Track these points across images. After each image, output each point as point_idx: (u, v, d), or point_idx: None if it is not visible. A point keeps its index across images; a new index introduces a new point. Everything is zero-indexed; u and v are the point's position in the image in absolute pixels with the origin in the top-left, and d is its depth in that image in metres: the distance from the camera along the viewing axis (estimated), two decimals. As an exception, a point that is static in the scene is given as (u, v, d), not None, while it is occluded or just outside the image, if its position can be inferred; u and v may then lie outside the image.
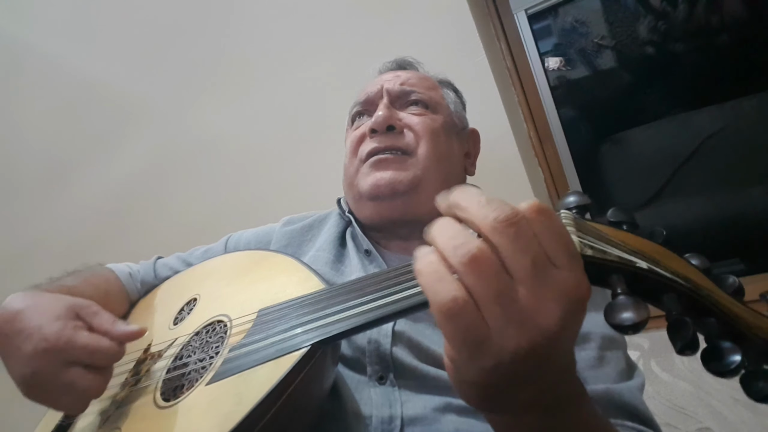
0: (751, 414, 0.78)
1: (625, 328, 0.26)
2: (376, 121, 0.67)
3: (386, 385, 0.52)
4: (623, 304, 0.26)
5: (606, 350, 0.54)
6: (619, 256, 0.29)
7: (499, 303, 0.25)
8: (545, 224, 0.26)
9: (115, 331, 0.47)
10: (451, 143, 0.72)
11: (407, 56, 0.82)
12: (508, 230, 0.25)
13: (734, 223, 1.12)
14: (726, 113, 1.10)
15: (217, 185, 1.33)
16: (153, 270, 0.74)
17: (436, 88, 0.76)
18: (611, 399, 0.50)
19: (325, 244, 0.68)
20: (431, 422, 0.49)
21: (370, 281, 0.40)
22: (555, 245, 0.26)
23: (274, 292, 0.50)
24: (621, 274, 0.29)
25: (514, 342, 0.25)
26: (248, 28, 1.24)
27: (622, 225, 0.33)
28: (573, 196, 0.33)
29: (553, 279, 0.25)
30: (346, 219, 0.72)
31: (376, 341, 0.54)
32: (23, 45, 1.50)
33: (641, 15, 1.12)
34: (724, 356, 0.28)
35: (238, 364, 0.43)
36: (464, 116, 0.79)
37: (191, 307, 0.59)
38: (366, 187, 0.66)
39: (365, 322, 0.38)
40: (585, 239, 0.29)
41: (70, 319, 0.47)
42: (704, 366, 0.28)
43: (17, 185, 1.57)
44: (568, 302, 0.25)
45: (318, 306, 0.43)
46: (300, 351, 0.39)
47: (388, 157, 0.66)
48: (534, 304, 0.25)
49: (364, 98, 0.74)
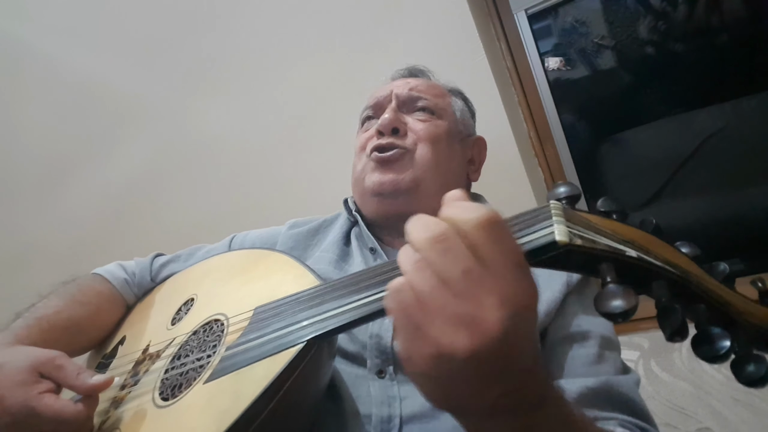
0: (751, 414, 0.78)
1: (614, 316, 0.26)
2: (382, 123, 0.70)
3: (385, 379, 0.53)
4: (613, 292, 0.27)
5: (604, 349, 0.56)
6: (608, 245, 0.30)
7: (432, 300, 0.28)
8: (486, 236, 0.28)
9: (80, 386, 0.46)
10: (453, 149, 0.74)
11: (418, 64, 0.85)
12: (436, 246, 0.28)
13: (734, 223, 1.12)
14: (726, 113, 1.10)
15: (217, 185, 1.33)
16: (150, 271, 0.74)
17: (444, 95, 0.78)
18: (610, 391, 0.51)
19: (329, 245, 0.70)
20: (429, 419, 0.50)
21: (366, 276, 0.41)
22: (496, 256, 0.28)
23: (270, 289, 0.50)
24: (610, 263, 0.29)
25: (451, 340, 0.27)
26: (248, 29, 1.24)
27: (612, 215, 0.33)
28: (563, 186, 0.34)
29: (492, 287, 0.27)
30: (352, 219, 0.74)
31: (378, 335, 0.56)
32: (23, 45, 1.49)
33: (641, 15, 1.12)
34: (714, 341, 0.28)
35: (235, 362, 0.43)
36: (471, 124, 0.82)
37: (189, 307, 0.59)
38: (370, 184, 0.69)
39: (360, 317, 0.38)
40: (574, 229, 0.30)
41: (34, 383, 0.46)
42: (695, 352, 0.29)
43: (17, 185, 1.57)
44: (510, 308, 0.27)
45: (314, 302, 0.43)
46: (296, 347, 0.40)
47: (391, 156, 0.69)
48: (471, 309, 0.27)
49: (373, 102, 0.77)
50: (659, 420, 0.83)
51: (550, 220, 0.31)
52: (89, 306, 0.64)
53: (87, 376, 0.47)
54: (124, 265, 0.74)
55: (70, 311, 0.61)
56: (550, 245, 0.30)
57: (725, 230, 1.13)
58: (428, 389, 0.31)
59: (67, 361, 0.48)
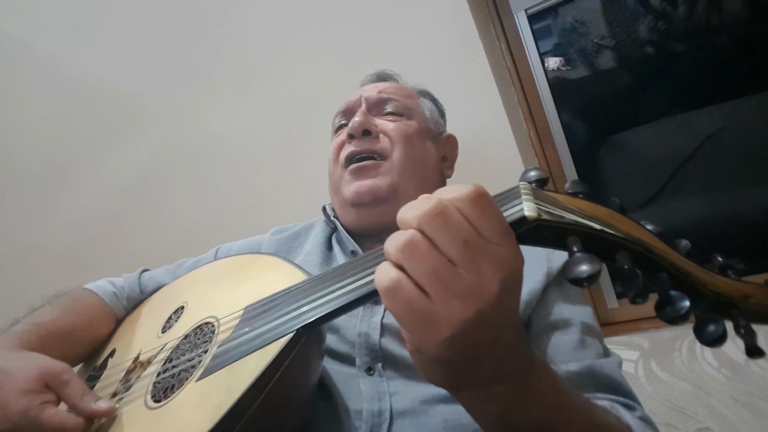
0: (751, 414, 0.78)
1: (581, 281, 0.28)
2: (352, 126, 0.72)
3: (374, 376, 0.54)
4: (579, 259, 0.29)
5: (586, 335, 0.58)
6: (574, 220, 0.32)
7: (437, 279, 0.28)
8: (477, 208, 0.30)
9: (83, 409, 0.47)
10: (425, 147, 0.76)
11: (387, 69, 0.88)
12: (436, 220, 0.29)
13: (734, 223, 1.12)
14: (726, 113, 1.10)
15: (217, 186, 1.33)
16: (138, 285, 0.74)
17: (412, 96, 0.81)
18: (593, 373, 0.53)
19: (313, 249, 0.71)
20: (419, 414, 0.51)
21: (349, 266, 0.42)
22: (488, 225, 0.29)
23: (260, 289, 0.51)
24: (577, 236, 0.31)
25: (461, 313, 0.28)
26: (247, 29, 1.24)
27: (579, 195, 0.36)
28: (533, 171, 0.37)
29: (490, 254, 0.29)
30: (331, 225, 0.75)
31: (366, 333, 0.57)
32: (23, 45, 1.50)
33: (641, 15, 1.12)
34: (675, 303, 0.30)
35: (226, 357, 0.44)
36: (441, 123, 0.84)
37: (179, 315, 0.59)
38: (349, 194, 0.70)
39: (345, 303, 0.39)
40: (542, 206, 0.32)
41: (39, 393, 0.46)
42: (658, 315, 0.31)
43: (17, 185, 1.57)
44: (505, 273, 0.29)
45: (301, 295, 0.44)
46: (285, 337, 0.40)
47: (366, 164, 0.70)
48: (474, 278, 0.28)
49: (344, 108, 0.79)
50: (659, 420, 0.83)
51: (520, 198, 0.33)
52: (83, 316, 0.64)
53: (90, 400, 0.47)
54: (113, 281, 0.74)
55: (65, 320, 0.61)
56: (520, 220, 0.32)
57: (725, 230, 1.13)
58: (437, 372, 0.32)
59: (74, 376, 0.49)
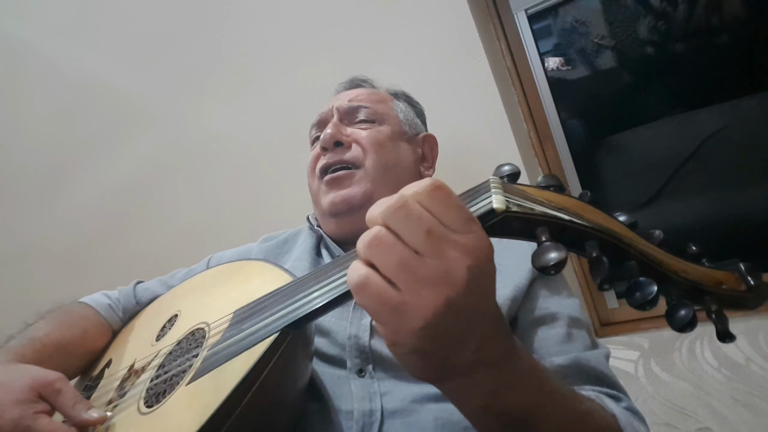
0: (751, 414, 0.78)
1: (548, 268, 0.29)
2: (324, 138, 0.73)
3: (365, 378, 0.55)
4: (546, 247, 0.30)
5: (573, 328, 0.59)
6: (542, 211, 0.33)
7: (405, 270, 0.29)
8: (436, 198, 0.31)
9: (74, 417, 0.47)
10: (400, 150, 0.77)
11: (359, 75, 0.88)
12: (398, 213, 0.30)
13: (734, 223, 1.12)
14: (726, 113, 1.10)
15: (217, 186, 1.33)
16: (133, 296, 0.75)
17: (384, 101, 0.81)
18: (579, 365, 0.54)
19: (302, 254, 0.72)
20: (410, 413, 0.52)
21: (332, 265, 0.42)
22: (449, 214, 0.30)
23: (249, 293, 0.52)
24: (545, 227, 0.32)
25: (432, 300, 0.29)
26: (247, 29, 1.24)
27: (550, 188, 0.37)
28: (506, 166, 0.38)
29: (454, 242, 0.29)
30: (317, 233, 0.76)
31: (356, 336, 0.57)
32: (23, 45, 1.50)
33: (641, 15, 1.12)
34: (644, 288, 0.31)
35: (215, 360, 0.44)
36: (417, 123, 0.85)
37: (173, 323, 0.60)
38: (326, 205, 0.72)
39: (327, 302, 0.39)
40: (511, 198, 0.34)
41: (31, 403, 0.46)
42: (628, 302, 0.31)
43: (17, 185, 1.57)
44: (472, 259, 0.29)
45: (287, 296, 0.44)
46: (271, 336, 0.41)
47: (339, 174, 0.72)
48: (440, 265, 0.29)
49: (318, 120, 0.80)
50: (659, 420, 0.83)
51: (489, 192, 0.34)
52: (76, 329, 0.65)
53: (82, 409, 0.47)
54: (108, 293, 0.75)
55: (59, 334, 0.62)
56: (489, 213, 0.33)
57: (725, 230, 1.13)
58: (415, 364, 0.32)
59: (67, 386, 0.49)
